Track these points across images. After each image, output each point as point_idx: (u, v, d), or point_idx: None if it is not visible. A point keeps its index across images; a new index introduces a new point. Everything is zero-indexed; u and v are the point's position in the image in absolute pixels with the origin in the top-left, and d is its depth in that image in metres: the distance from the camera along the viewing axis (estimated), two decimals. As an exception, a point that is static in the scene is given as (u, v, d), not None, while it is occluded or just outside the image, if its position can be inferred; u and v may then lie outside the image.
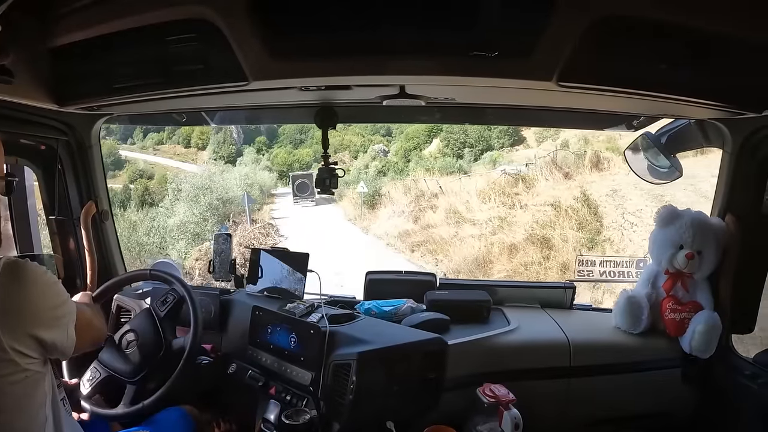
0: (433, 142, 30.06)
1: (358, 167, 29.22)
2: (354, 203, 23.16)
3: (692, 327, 2.13)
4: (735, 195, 2.13)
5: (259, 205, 24.95)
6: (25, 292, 1.28)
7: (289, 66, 1.52)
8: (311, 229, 19.03)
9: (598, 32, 1.41)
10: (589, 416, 2.23)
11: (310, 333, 1.93)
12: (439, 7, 1.41)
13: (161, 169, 33.06)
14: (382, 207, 21.72)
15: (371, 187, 22.90)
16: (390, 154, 32.27)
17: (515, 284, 2.92)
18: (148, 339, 1.97)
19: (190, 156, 36.52)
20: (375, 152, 32.50)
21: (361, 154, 33.12)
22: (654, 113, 2.16)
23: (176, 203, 20.62)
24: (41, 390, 1.36)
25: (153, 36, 1.57)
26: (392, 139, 34.59)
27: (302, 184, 24.63)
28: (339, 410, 1.83)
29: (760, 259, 2.10)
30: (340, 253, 13.46)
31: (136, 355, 1.94)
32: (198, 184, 21.54)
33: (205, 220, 19.52)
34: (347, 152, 33.79)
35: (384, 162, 29.68)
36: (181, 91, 1.70)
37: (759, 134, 1.95)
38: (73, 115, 2.14)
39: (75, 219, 2.38)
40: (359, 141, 34.93)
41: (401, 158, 29.84)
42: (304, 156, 35.23)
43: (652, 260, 2.31)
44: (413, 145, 30.68)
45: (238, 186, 24.04)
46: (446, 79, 1.60)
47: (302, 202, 24.56)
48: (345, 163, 31.74)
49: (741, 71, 1.59)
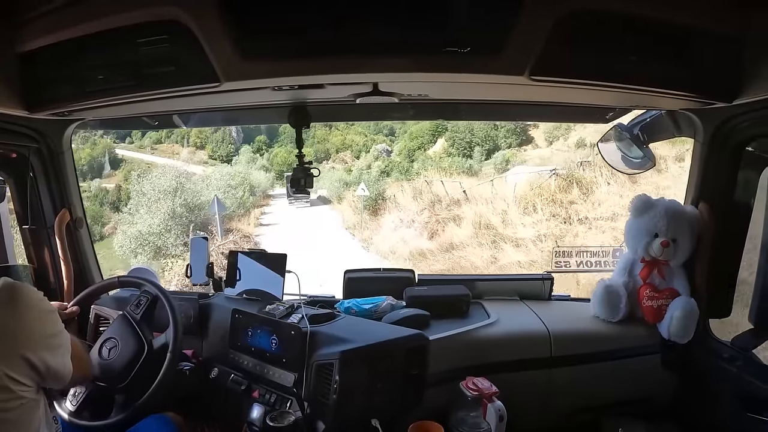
0: (438, 141, 29.45)
1: (361, 167, 28.58)
2: (354, 208, 21.30)
3: (670, 313, 2.17)
4: (707, 183, 2.17)
5: (244, 210, 22.67)
6: (20, 315, 1.27)
7: (261, 66, 1.50)
8: (301, 240, 16.08)
9: (567, 26, 1.43)
10: (572, 405, 2.26)
11: (291, 334, 1.92)
12: (411, 4, 1.41)
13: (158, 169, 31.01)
14: (386, 213, 19.35)
15: (374, 189, 20.98)
16: (393, 153, 31.61)
17: (494, 278, 2.93)
18: (128, 342, 1.95)
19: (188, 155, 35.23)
20: (378, 152, 31.84)
21: (363, 154, 32.57)
22: (626, 105, 2.18)
23: (139, 208, 17.72)
24: (36, 417, 1.33)
25: (124, 38, 1.54)
26: (395, 139, 33.89)
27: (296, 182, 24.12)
28: (323, 410, 1.83)
29: (733, 244, 2.14)
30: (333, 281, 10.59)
31: (119, 361, 1.92)
32: (161, 187, 18.11)
33: (167, 231, 16.81)
34: (349, 152, 33.45)
35: (387, 162, 29.04)
36: (154, 93, 1.67)
37: (729, 123, 1.99)
38: (44, 122, 2.09)
39: (49, 228, 2.33)
40: (361, 140, 34.28)
41: (405, 158, 29.23)
42: (305, 155, 34.41)
43: (628, 249, 2.34)
44: (417, 145, 30.03)
45: (219, 188, 22.07)
46: (419, 75, 1.60)
47: (296, 202, 24.25)
48: (347, 163, 31.45)
49: (711, 62, 1.62)
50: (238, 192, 23.29)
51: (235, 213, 21.46)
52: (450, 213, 15.84)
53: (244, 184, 24.56)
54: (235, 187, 23.56)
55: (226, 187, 22.82)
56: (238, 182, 24.19)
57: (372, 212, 20.11)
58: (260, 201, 25.95)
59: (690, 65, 1.61)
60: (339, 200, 24.60)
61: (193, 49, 1.46)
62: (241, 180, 24.66)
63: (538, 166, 19.48)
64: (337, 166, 31.88)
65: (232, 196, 22.22)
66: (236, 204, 22.10)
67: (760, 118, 1.85)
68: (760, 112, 1.81)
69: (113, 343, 1.96)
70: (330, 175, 28.14)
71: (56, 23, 1.59)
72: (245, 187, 24.35)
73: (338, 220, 21.76)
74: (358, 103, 1.90)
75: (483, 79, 1.59)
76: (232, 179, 24.07)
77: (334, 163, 33.43)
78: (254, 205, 24.60)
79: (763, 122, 1.87)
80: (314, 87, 1.72)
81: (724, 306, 2.22)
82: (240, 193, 23.31)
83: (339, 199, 24.82)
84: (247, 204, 23.44)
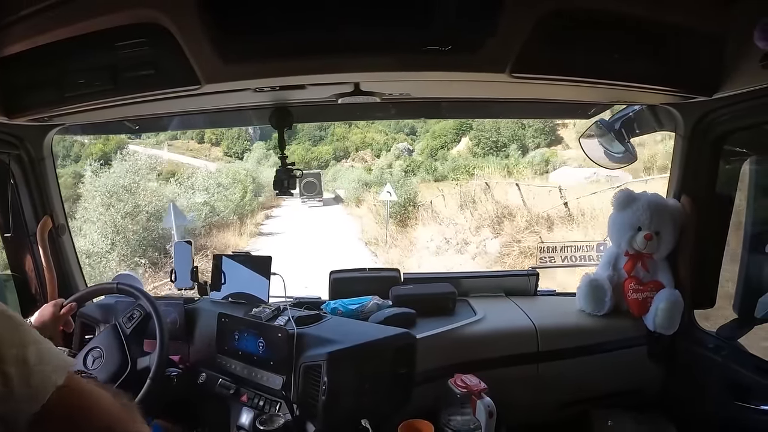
0: (462, 140, 28.94)
1: (381, 166, 27.76)
2: (375, 214, 18.20)
3: (655, 305, 2.19)
4: (689, 176, 2.19)
5: (238, 215, 19.24)
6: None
7: (242, 68, 1.50)
8: (306, 257, 10.79)
9: (548, 24, 1.46)
10: (561, 398, 2.28)
11: (277, 336, 1.91)
12: (391, 4, 1.42)
13: (173, 166, 27.72)
14: (419, 225, 15.95)
15: (401, 192, 17.52)
16: (415, 153, 30.97)
17: (479, 274, 2.94)
18: (113, 356, 1.92)
19: (203, 152, 34.56)
20: (399, 150, 31.26)
21: (384, 153, 31.99)
22: (608, 101, 2.21)
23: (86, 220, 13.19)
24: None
25: (103, 42, 1.54)
26: (417, 138, 33.26)
27: (309, 183, 23.52)
28: (313, 412, 1.82)
29: (716, 236, 2.16)
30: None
31: (101, 374, 1.88)
32: (109, 188, 13.44)
33: (112, 247, 12.56)
34: (369, 150, 32.99)
35: (409, 161, 28.44)
36: (134, 97, 1.66)
37: (710, 117, 2.01)
38: (24, 127, 2.06)
39: (31, 235, 2.30)
40: (382, 139, 33.77)
41: (427, 157, 28.68)
42: (323, 153, 33.89)
43: (612, 243, 2.37)
44: (440, 144, 29.52)
45: (204, 188, 18.64)
46: (400, 74, 1.61)
47: (309, 201, 23.50)
48: (367, 162, 30.84)
49: (691, 57, 1.66)
50: (232, 193, 20.30)
51: (221, 221, 17.90)
52: (534, 234, 10.43)
53: (244, 182, 22.00)
54: (227, 186, 20.62)
55: (215, 187, 19.71)
56: (234, 180, 21.58)
57: (400, 223, 16.89)
58: (270, 201, 23.78)
59: (670, 61, 1.65)
60: (358, 203, 22.60)
61: (173, 51, 1.47)
62: (242, 178, 22.28)
63: (582, 167, 16.77)
64: (357, 164, 31.09)
65: (224, 198, 19.34)
66: (227, 208, 18.95)
67: (739, 111, 1.88)
68: (739, 105, 1.84)
69: (99, 353, 1.94)
70: (348, 174, 27.15)
71: (34, 27, 1.57)
72: (245, 186, 21.73)
73: (355, 228, 18.42)
74: (339, 103, 1.90)
75: (464, 77, 1.61)
76: (224, 177, 21.59)
77: (353, 161, 32.81)
78: (261, 206, 22.65)
79: (742, 115, 1.90)
80: (295, 88, 1.72)
81: (708, 297, 2.24)
82: (235, 194, 20.28)
83: (358, 201, 22.85)
84: (244, 208, 20.45)
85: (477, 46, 1.46)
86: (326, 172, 30.63)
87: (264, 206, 22.78)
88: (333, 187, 28.40)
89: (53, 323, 1.95)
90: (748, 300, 2.12)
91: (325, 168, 31.47)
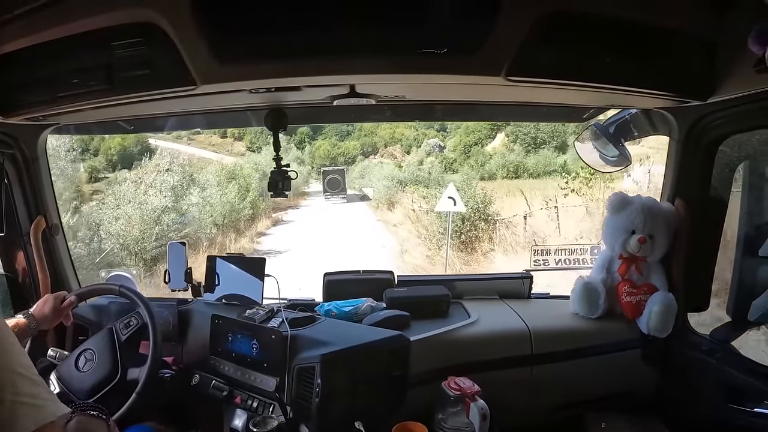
0: (497, 137, 27.57)
1: (412, 162, 25.88)
2: (417, 224, 14.06)
3: (648, 308, 2.20)
4: (683, 180, 2.21)
5: (232, 220, 16.06)
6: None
7: (238, 69, 1.50)
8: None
9: (544, 27, 1.46)
10: (554, 401, 2.28)
11: (271, 338, 1.91)
12: (387, 6, 1.42)
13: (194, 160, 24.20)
14: (496, 251, 11.56)
15: (466, 194, 12.45)
16: (446, 149, 29.55)
17: (473, 277, 2.95)
18: (104, 362, 1.90)
19: (226, 146, 32.61)
20: (430, 147, 29.91)
21: (414, 149, 30.52)
22: (603, 104, 2.21)
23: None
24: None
25: (98, 42, 1.53)
26: (447, 134, 31.59)
27: (333, 180, 22.36)
28: (306, 414, 1.82)
29: (709, 240, 2.18)
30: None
31: (89, 378, 1.88)
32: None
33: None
34: (399, 146, 31.64)
35: (441, 158, 27.25)
36: (129, 97, 1.65)
37: (704, 121, 2.03)
38: (18, 127, 2.05)
39: (24, 235, 2.29)
40: (412, 134, 32.16)
41: (460, 154, 27.49)
42: (350, 149, 32.32)
43: (606, 246, 2.38)
44: (474, 140, 28.09)
45: (171, 188, 14.15)
46: (396, 77, 1.61)
47: (332, 198, 22.10)
48: (396, 158, 29.33)
49: (685, 62, 1.67)
50: (229, 191, 16.61)
51: (199, 234, 14.28)
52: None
53: (247, 179, 18.55)
54: (224, 184, 16.88)
55: (205, 185, 16.43)
56: (232, 176, 18.01)
57: (464, 247, 11.95)
58: (286, 201, 18.67)
59: (665, 65, 1.65)
60: (390, 206, 18.70)
61: (168, 52, 1.46)
62: (245, 173, 18.91)
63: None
64: (386, 160, 29.40)
65: (219, 202, 15.91)
66: (220, 211, 15.75)
67: (733, 115, 1.90)
68: (733, 109, 1.86)
69: (91, 355, 1.93)
70: (378, 170, 24.90)
71: (29, 26, 1.56)
72: (247, 184, 18.09)
73: (390, 242, 14.14)
74: (335, 105, 1.89)
75: (460, 79, 1.60)
76: (214, 175, 17.55)
77: (382, 157, 31.25)
78: (271, 209, 18.71)
79: (736, 119, 1.92)
80: (291, 89, 1.71)
81: (701, 300, 2.25)
82: (232, 194, 16.58)
83: (390, 204, 19.06)
84: (240, 213, 16.69)
85: (472, 49, 1.45)
86: (353, 169, 29.40)
87: (276, 207, 19.02)
88: (360, 185, 26.76)
89: (54, 315, 1.95)
90: (742, 303, 2.14)
91: (351, 164, 30.15)
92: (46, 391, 1.07)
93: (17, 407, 1.00)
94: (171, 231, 12.92)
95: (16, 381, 1.01)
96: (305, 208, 20.85)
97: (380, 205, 20.03)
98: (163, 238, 12.22)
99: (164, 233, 12.53)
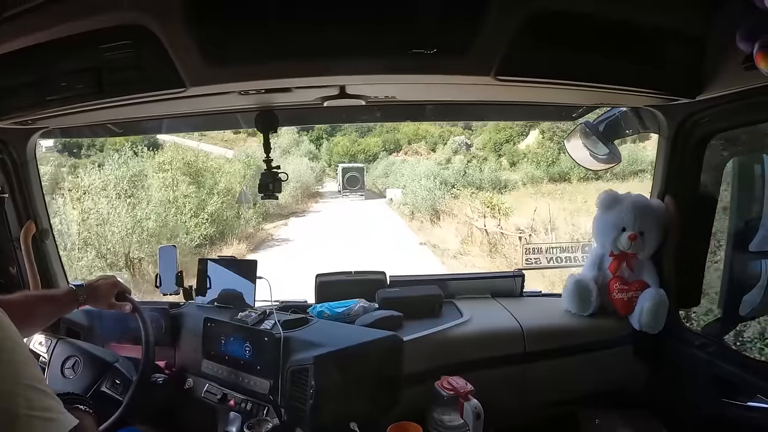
0: (531, 133, 26.25)
1: (439, 160, 24.51)
2: (492, 251, 10.68)
3: (640, 305, 2.21)
4: (672, 177, 2.22)
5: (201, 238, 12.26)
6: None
7: (227, 71, 1.49)
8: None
9: (533, 26, 1.47)
10: (548, 399, 2.28)
11: (264, 341, 1.90)
12: (377, 6, 1.42)
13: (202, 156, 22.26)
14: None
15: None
16: (473, 147, 28.25)
17: (465, 276, 2.95)
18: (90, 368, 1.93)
19: (239, 143, 30.74)
20: (457, 144, 28.77)
21: (440, 146, 29.59)
22: (592, 103, 2.23)
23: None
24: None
25: (86, 44, 1.52)
26: (473, 132, 30.25)
27: (352, 177, 22.08)
28: (301, 416, 1.81)
29: (700, 236, 2.19)
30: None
31: (76, 384, 1.89)
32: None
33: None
34: (423, 143, 30.83)
35: (469, 156, 26.11)
36: (118, 100, 1.65)
37: (693, 119, 2.04)
38: (6, 131, 2.04)
39: (14, 240, 2.28)
40: (437, 131, 31.25)
41: (490, 151, 26.41)
42: (372, 146, 31.30)
43: (597, 244, 2.39)
44: (505, 138, 26.94)
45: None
46: (386, 77, 1.62)
47: (351, 195, 21.55)
48: (420, 155, 28.56)
49: (674, 60, 1.68)
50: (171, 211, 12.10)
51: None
52: None
53: (222, 182, 14.23)
54: (166, 204, 12.27)
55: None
56: (195, 178, 13.38)
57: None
58: (295, 203, 16.95)
59: (654, 63, 1.67)
60: (435, 218, 14.29)
61: (157, 54, 1.46)
62: (237, 168, 15.04)
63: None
64: (410, 158, 27.95)
65: (158, 223, 11.72)
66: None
67: (722, 113, 1.91)
68: (722, 107, 1.87)
69: (74, 361, 1.96)
70: (405, 168, 21.95)
71: (17, 29, 1.56)
72: (210, 188, 13.67)
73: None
74: (325, 106, 1.89)
75: (450, 80, 1.61)
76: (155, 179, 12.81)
77: (405, 154, 30.22)
78: (265, 215, 14.65)
79: (725, 117, 1.93)
80: (281, 91, 1.71)
81: (693, 296, 2.27)
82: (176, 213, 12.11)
83: (434, 215, 14.58)
84: (257, 215, 13.31)
85: (462, 49, 1.46)
86: (374, 166, 28.46)
87: (277, 214, 15.39)
88: (383, 185, 24.80)
89: (104, 298, 1.85)
90: (733, 298, 2.15)
91: (372, 161, 29.29)
92: (58, 404, 1.07)
93: (32, 421, 1.00)
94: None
95: (29, 395, 1.01)
96: (314, 215, 15.92)
97: (418, 215, 14.89)
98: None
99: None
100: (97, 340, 2.22)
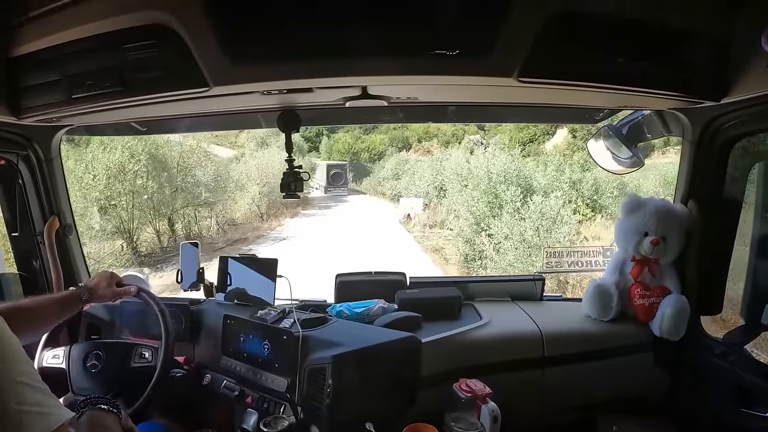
0: (558, 132, 24.96)
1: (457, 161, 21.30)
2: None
3: (661, 311, 2.19)
4: (696, 181, 2.19)
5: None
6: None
7: (251, 70, 1.50)
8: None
9: (556, 28, 1.45)
10: (566, 404, 2.27)
11: (283, 339, 1.91)
12: (399, 7, 1.42)
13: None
14: None
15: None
16: (490, 146, 24.66)
17: (485, 279, 2.94)
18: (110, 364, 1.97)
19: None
20: (472, 143, 27.05)
21: (454, 145, 27.87)
22: (615, 105, 2.20)
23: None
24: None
25: (112, 44, 1.54)
26: (487, 132, 28.43)
27: (337, 174, 22.02)
28: (317, 415, 1.82)
29: (723, 242, 2.16)
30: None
31: (97, 378, 1.93)
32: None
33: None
34: (436, 140, 29.76)
35: (488, 156, 23.98)
36: (142, 99, 1.66)
37: (717, 122, 2.01)
38: (32, 128, 2.08)
39: (38, 235, 2.32)
40: (450, 129, 29.86)
41: (512, 151, 23.26)
42: (377, 143, 29.75)
43: (619, 248, 2.37)
44: (528, 137, 25.47)
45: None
46: (408, 78, 1.60)
47: (334, 191, 21.62)
48: (432, 154, 26.93)
49: (699, 62, 1.65)
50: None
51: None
52: None
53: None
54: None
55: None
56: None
57: None
58: (260, 222, 14.67)
59: (678, 65, 1.64)
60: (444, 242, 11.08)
61: (181, 54, 1.46)
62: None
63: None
64: (422, 158, 26.11)
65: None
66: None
67: (747, 116, 1.88)
68: (747, 110, 1.84)
69: (96, 354, 1.99)
70: (425, 171, 19.69)
71: (44, 29, 1.59)
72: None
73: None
74: (347, 106, 1.89)
75: (472, 81, 1.60)
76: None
77: (415, 153, 28.81)
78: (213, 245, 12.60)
79: (750, 120, 1.90)
80: (303, 91, 1.71)
81: (715, 303, 2.23)
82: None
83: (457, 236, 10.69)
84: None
85: (484, 50, 1.45)
86: (380, 166, 26.34)
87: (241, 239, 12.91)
88: (395, 188, 22.00)
89: (107, 291, 1.91)
90: (755, 306, 2.11)
91: (378, 160, 27.63)
92: (50, 398, 1.09)
93: (24, 416, 1.01)
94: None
95: (19, 390, 1.02)
96: (286, 242, 11.75)
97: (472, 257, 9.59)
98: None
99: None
100: (117, 336, 2.27)
